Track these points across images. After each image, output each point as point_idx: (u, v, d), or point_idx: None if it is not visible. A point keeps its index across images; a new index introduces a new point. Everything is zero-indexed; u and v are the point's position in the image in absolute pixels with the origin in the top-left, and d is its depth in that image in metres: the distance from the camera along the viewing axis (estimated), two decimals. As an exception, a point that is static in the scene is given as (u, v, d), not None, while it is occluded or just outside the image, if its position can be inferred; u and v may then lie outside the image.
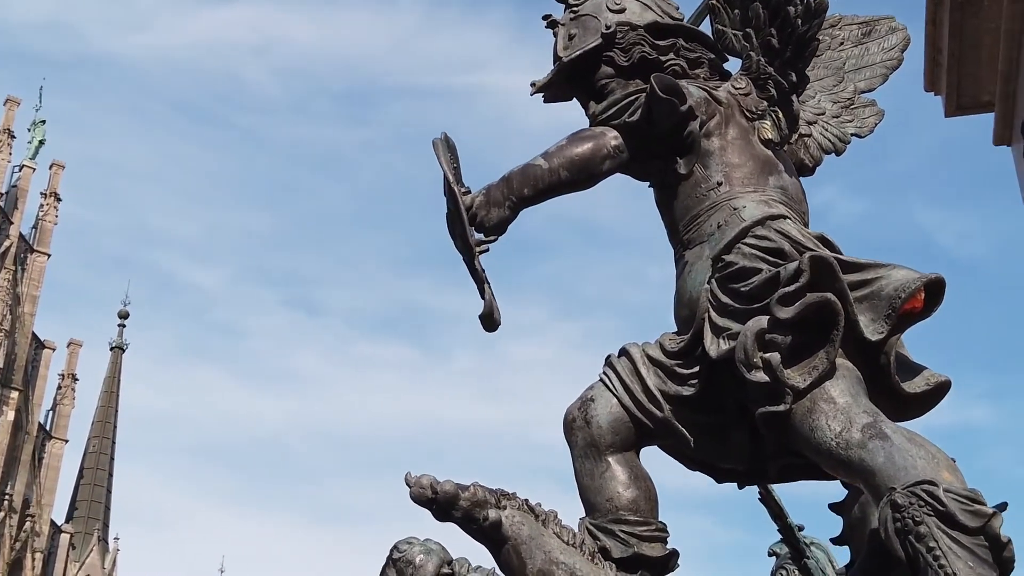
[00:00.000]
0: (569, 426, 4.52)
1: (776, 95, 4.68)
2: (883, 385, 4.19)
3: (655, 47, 4.80)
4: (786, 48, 4.61)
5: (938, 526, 3.68)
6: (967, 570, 3.62)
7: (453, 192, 4.40)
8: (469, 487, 4.26)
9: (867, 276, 4.18)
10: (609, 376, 4.51)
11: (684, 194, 4.63)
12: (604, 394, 4.49)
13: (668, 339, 4.51)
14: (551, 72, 4.92)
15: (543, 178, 4.55)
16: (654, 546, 4.37)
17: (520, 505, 4.32)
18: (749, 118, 4.67)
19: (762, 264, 4.27)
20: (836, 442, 3.99)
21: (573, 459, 4.51)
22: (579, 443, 4.49)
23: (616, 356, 4.56)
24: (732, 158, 4.60)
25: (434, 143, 4.49)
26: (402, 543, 4.15)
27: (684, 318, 4.50)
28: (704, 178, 4.59)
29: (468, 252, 4.42)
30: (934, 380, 4.28)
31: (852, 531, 4.51)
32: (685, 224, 4.62)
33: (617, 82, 4.81)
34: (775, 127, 4.67)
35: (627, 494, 4.41)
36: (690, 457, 4.58)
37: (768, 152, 4.65)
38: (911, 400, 4.23)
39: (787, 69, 4.64)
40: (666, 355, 4.45)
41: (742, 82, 4.72)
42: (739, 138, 4.63)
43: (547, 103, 5.00)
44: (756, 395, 4.16)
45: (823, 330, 4.10)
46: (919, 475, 3.79)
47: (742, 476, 4.61)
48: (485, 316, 4.47)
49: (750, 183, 4.56)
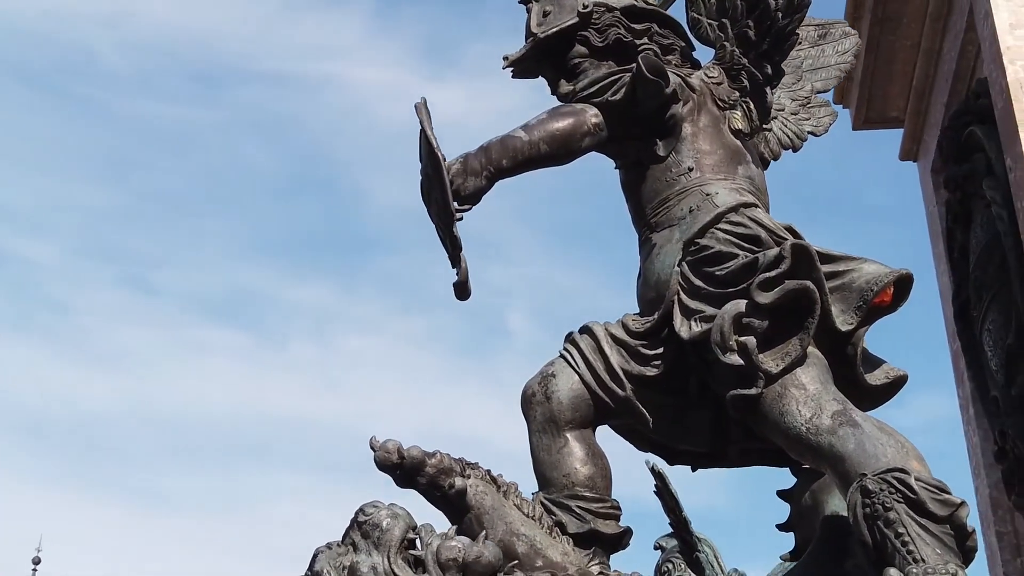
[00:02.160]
0: (528, 400, 4.52)
1: (749, 86, 4.75)
2: (847, 375, 4.30)
3: (630, 30, 4.83)
4: (763, 40, 4.69)
5: (907, 513, 3.80)
6: (935, 556, 3.74)
7: (437, 158, 4.37)
8: (435, 454, 4.23)
9: (839, 268, 4.28)
10: (571, 353, 4.52)
11: (653, 177, 4.67)
12: (566, 370, 4.50)
13: (631, 320, 4.54)
14: (524, 47, 4.91)
15: (522, 150, 4.55)
16: (608, 523, 4.40)
17: (483, 475, 4.31)
18: (720, 107, 4.74)
19: (737, 250, 4.33)
20: (806, 427, 4.08)
21: (530, 433, 4.52)
22: (537, 418, 4.49)
23: (578, 333, 4.57)
24: (703, 145, 4.66)
25: (418, 107, 4.44)
26: (368, 506, 4.09)
27: (650, 300, 4.54)
28: (675, 163, 4.64)
29: (447, 218, 4.39)
30: (893, 374, 4.41)
31: (800, 518, 4.60)
32: (653, 207, 4.65)
33: (590, 62, 4.83)
34: (745, 118, 4.75)
35: (584, 470, 4.43)
36: (644, 437, 4.63)
37: (737, 142, 4.72)
38: (872, 391, 4.35)
39: (763, 61, 4.71)
40: (630, 335, 4.48)
41: (715, 71, 4.79)
42: (710, 126, 4.70)
43: (515, 78, 4.99)
44: (727, 378, 4.22)
45: (797, 317, 4.18)
46: (889, 463, 3.90)
47: (697, 458, 4.67)
48: (460, 284, 4.44)
49: (720, 171, 4.62)
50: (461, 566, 3.63)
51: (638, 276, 4.68)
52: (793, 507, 4.66)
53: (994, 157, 5.85)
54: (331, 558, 4.03)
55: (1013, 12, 5.77)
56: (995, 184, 5.83)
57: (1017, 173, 5.56)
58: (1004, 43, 5.70)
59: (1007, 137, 5.65)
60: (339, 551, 4.06)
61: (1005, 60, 5.67)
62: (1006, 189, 5.72)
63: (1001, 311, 5.86)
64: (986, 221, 6.01)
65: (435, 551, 3.99)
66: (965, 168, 6.16)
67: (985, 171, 5.94)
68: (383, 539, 4.01)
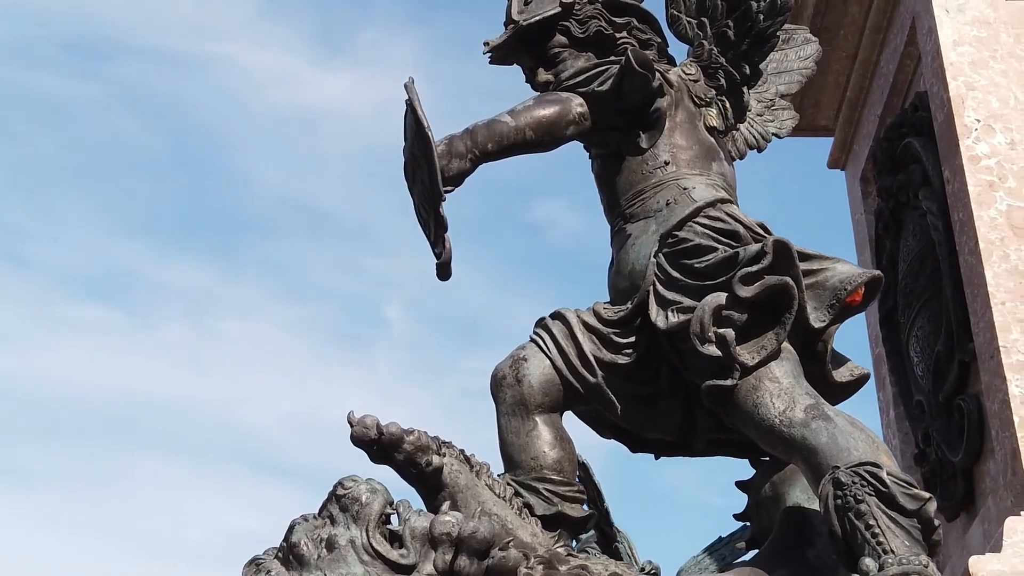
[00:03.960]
0: (499, 383, 4.58)
1: (725, 85, 4.86)
2: (815, 371, 4.42)
3: (611, 23, 4.90)
4: (742, 41, 4.79)
5: (878, 506, 3.93)
6: (904, 548, 3.88)
7: (427, 138, 4.39)
8: (414, 431, 4.27)
9: (813, 266, 4.40)
10: (543, 338, 4.59)
11: (629, 169, 4.75)
12: (537, 355, 4.57)
13: (603, 308, 4.62)
14: (505, 34, 4.95)
15: (508, 135, 4.60)
16: (574, 507, 4.48)
17: (457, 455, 4.36)
18: (696, 104, 4.83)
19: (716, 244, 4.43)
20: (779, 419, 4.19)
21: (498, 415, 4.57)
22: (507, 400, 4.54)
23: (550, 319, 4.63)
24: (679, 140, 4.75)
25: (408, 86, 4.47)
26: (347, 480, 4.11)
27: (623, 289, 4.61)
28: (651, 156, 4.72)
29: (435, 198, 4.42)
30: (857, 371, 4.56)
31: (759, 508, 4.71)
32: (628, 198, 4.73)
33: (570, 52, 4.90)
34: (720, 116, 4.85)
35: (552, 454, 4.49)
36: (607, 424, 4.70)
37: (711, 139, 4.82)
38: (836, 387, 4.48)
39: (741, 62, 4.82)
40: (602, 323, 4.56)
41: (692, 68, 4.88)
42: (686, 122, 4.79)
43: (493, 64, 5.04)
44: (703, 368, 4.32)
45: (774, 312, 4.30)
46: (861, 457, 4.03)
47: (662, 447, 4.76)
48: (444, 264, 4.47)
49: (696, 166, 4.72)
50: (455, 541, 3.65)
51: (610, 265, 4.76)
52: (751, 497, 4.77)
53: (931, 168, 6.04)
54: (308, 530, 4.04)
55: (956, 30, 5.96)
56: (931, 195, 6.03)
57: (955, 185, 5.75)
58: (948, 59, 5.89)
59: (947, 150, 5.84)
60: (316, 523, 4.07)
61: (948, 76, 5.86)
62: (942, 200, 5.91)
63: (931, 318, 6.06)
64: (919, 230, 6.21)
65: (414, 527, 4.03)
66: (900, 178, 6.35)
67: (921, 181, 6.14)
68: (362, 513, 4.03)
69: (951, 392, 5.89)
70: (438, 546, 3.68)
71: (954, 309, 5.81)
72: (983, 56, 5.92)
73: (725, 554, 6.82)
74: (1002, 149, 5.70)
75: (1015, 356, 5.35)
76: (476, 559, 3.61)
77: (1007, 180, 5.66)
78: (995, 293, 5.45)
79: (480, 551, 3.61)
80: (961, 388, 5.84)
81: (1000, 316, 5.42)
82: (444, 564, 3.64)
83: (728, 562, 6.47)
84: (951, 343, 5.86)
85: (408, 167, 4.58)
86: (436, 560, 3.65)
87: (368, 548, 3.98)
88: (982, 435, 5.66)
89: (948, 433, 5.92)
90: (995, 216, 5.60)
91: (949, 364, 5.90)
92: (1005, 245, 5.53)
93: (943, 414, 5.97)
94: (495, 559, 3.60)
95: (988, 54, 5.93)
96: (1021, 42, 5.99)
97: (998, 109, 5.80)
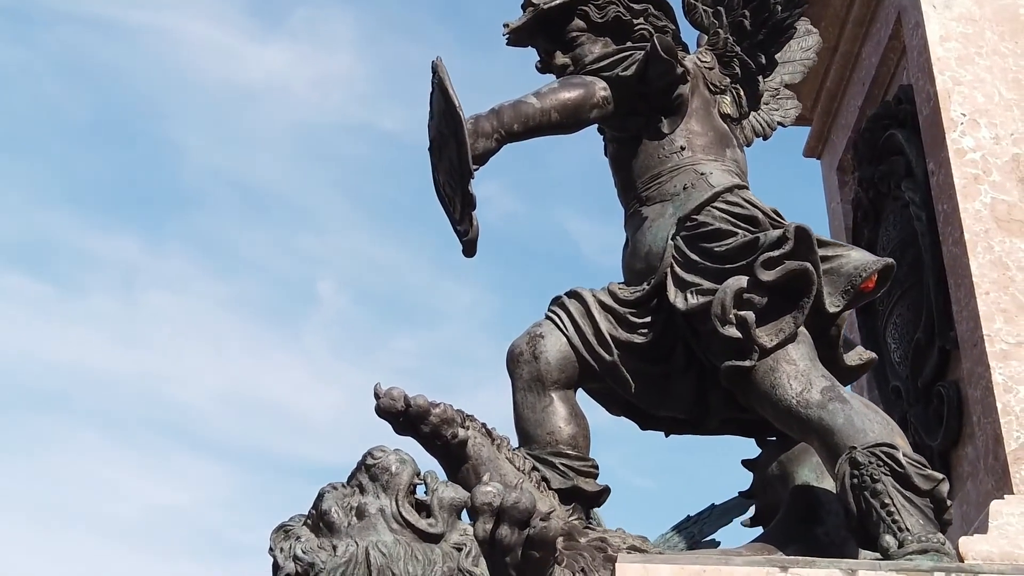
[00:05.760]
0: (516, 359, 4.66)
1: (740, 74, 4.98)
2: (827, 354, 4.56)
3: (629, 9, 4.99)
4: (759, 31, 4.92)
5: (894, 486, 4.07)
6: (918, 526, 4.02)
7: (458, 117, 4.46)
8: (439, 404, 4.35)
9: (829, 253, 4.53)
10: (560, 316, 4.68)
11: (646, 153, 4.86)
12: (554, 332, 4.66)
13: (619, 288, 4.72)
14: (524, 16, 5.03)
15: (534, 116, 4.68)
16: (589, 481, 4.58)
17: (480, 428, 4.45)
18: (711, 91, 4.95)
19: (735, 229, 4.55)
20: (796, 400, 4.32)
21: (514, 391, 4.66)
22: (524, 376, 4.63)
23: (566, 297, 4.73)
24: (695, 126, 4.86)
25: (439, 65, 4.54)
26: (376, 450, 4.18)
27: (638, 270, 4.72)
28: (668, 141, 4.84)
29: (464, 176, 4.49)
30: (866, 356, 4.71)
31: (765, 486, 4.84)
32: (644, 181, 4.84)
33: (587, 36, 4.99)
34: (734, 103, 4.98)
35: (568, 429, 4.59)
36: (618, 401, 4.81)
37: (725, 126, 4.94)
38: (846, 370, 4.62)
39: (756, 51, 4.95)
40: (618, 303, 4.66)
41: (707, 56, 4.99)
42: (701, 108, 4.90)
43: (510, 45, 5.12)
44: (721, 349, 4.43)
45: (792, 296, 4.42)
46: (877, 438, 4.17)
47: (672, 424, 4.87)
48: (471, 242, 4.55)
49: (711, 152, 4.83)
50: (495, 511, 3.72)
51: (625, 246, 4.86)
52: (757, 476, 4.89)
53: (915, 160, 6.19)
54: (338, 498, 4.11)
55: (943, 25, 6.11)
56: (914, 186, 6.18)
57: (940, 177, 5.90)
58: (935, 54, 6.03)
59: (932, 143, 5.99)
60: (346, 492, 4.14)
61: (935, 70, 6.00)
62: (926, 191, 6.06)
63: (911, 307, 6.22)
64: (900, 220, 6.36)
65: (442, 497, 4.11)
66: (882, 168, 6.50)
67: (904, 173, 6.28)
68: (392, 482, 4.11)
69: (930, 378, 6.04)
70: (479, 516, 3.74)
71: (936, 298, 5.96)
72: (969, 52, 6.07)
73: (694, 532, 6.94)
74: (986, 143, 5.85)
75: (998, 345, 5.50)
76: (517, 529, 3.68)
77: (991, 174, 5.81)
78: (979, 283, 5.60)
79: (521, 521, 3.68)
80: (940, 375, 6.00)
81: (984, 306, 5.56)
82: (484, 533, 3.71)
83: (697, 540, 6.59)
84: (931, 331, 6.02)
85: (434, 145, 4.65)
86: (477, 529, 3.72)
87: (398, 517, 4.06)
88: (961, 420, 5.81)
89: (926, 418, 6.07)
90: (980, 208, 5.75)
91: (929, 351, 6.05)
92: (989, 237, 5.68)
93: (921, 399, 6.12)
94: (536, 528, 3.67)
95: (974, 50, 6.08)
96: (1005, 40, 6.14)
97: (983, 104, 5.95)
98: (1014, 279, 5.58)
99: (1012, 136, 5.87)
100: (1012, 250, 5.64)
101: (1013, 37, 6.12)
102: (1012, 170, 5.80)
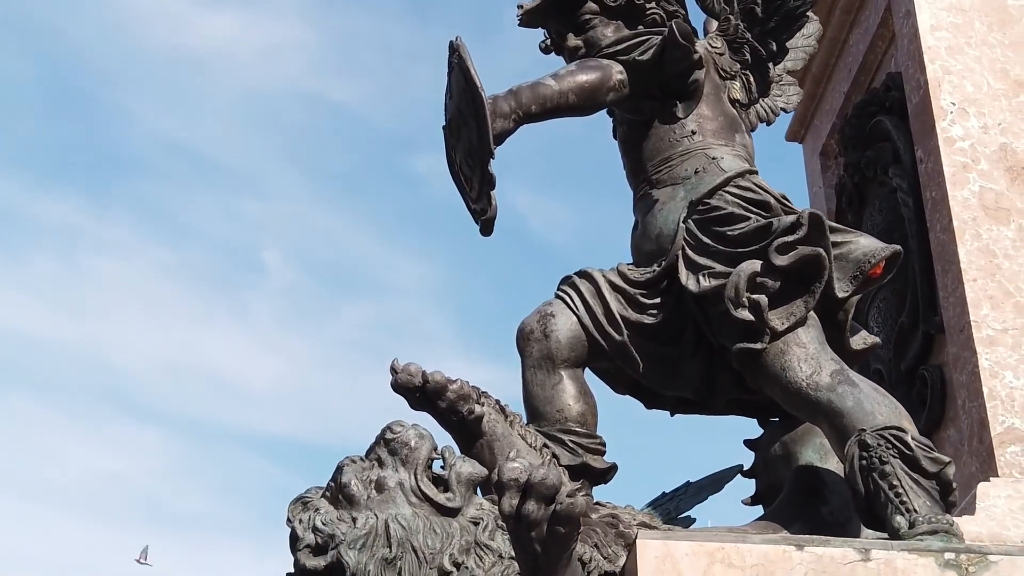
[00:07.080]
0: (526, 337, 4.72)
1: (751, 60, 5.04)
2: (835, 338, 4.64)
3: None
4: (770, 18, 4.98)
5: (902, 468, 4.17)
6: (926, 507, 4.12)
7: (479, 96, 4.49)
8: (456, 380, 4.40)
9: (839, 239, 4.61)
10: (570, 295, 4.74)
11: (656, 137, 4.92)
12: (564, 311, 4.72)
13: (629, 269, 4.78)
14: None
15: (552, 98, 4.73)
16: (597, 458, 4.64)
17: (494, 404, 4.50)
18: (722, 76, 5.01)
19: (748, 213, 4.62)
20: (806, 383, 4.40)
21: (524, 368, 4.72)
22: (534, 354, 4.69)
23: (577, 277, 4.78)
24: (705, 111, 4.93)
25: (459, 44, 4.56)
26: (395, 425, 4.22)
27: (649, 252, 4.78)
28: (678, 125, 4.90)
29: (484, 156, 4.52)
30: (870, 340, 4.80)
31: (766, 466, 4.92)
32: (655, 164, 4.90)
33: (600, 19, 5.03)
34: (744, 89, 5.04)
35: (577, 407, 4.66)
36: (624, 380, 4.87)
37: (734, 112, 5.01)
38: (852, 354, 4.71)
39: (768, 38, 5.01)
40: (628, 283, 4.72)
41: (718, 42, 5.05)
42: (712, 93, 4.97)
43: (522, 26, 5.15)
44: (733, 332, 4.51)
45: (803, 281, 4.50)
46: (886, 421, 4.26)
47: (678, 404, 4.95)
48: (489, 220, 4.58)
49: (721, 137, 4.90)
50: (522, 487, 3.75)
51: (634, 228, 4.92)
52: (759, 456, 4.97)
53: (902, 147, 6.30)
54: (357, 471, 4.15)
55: (934, 15, 6.21)
56: (902, 173, 6.28)
57: (929, 165, 6.01)
58: (926, 43, 6.13)
59: (922, 131, 6.09)
60: (365, 465, 4.18)
61: (926, 59, 6.10)
62: (914, 178, 6.17)
63: (895, 291, 6.33)
64: (886, 206, 6.47)
65: (460, 472, 4.16)
66: (869, 154, 6.60)
67: (891, 159, 6.39)
68: (411, 457, 4.15)
69: (913, 362, 6.16)
70: (505, 491, 3.77)
71: (921, 283, 6.07)
72: (959, 42, 6.17)
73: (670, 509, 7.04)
74: (975, 132, 5.96)
75: (985, 331, 5.62)
76: (544, 504, 3.72)
77: (980, 163, 5.92)
78: (967, 270, 5.71)
79: (548, 497, 3.72)
80: (923, 359, 6.12)
81: (972, 292, 5.68)
82: (511, 508, 3.74)
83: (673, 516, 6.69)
84: (916, 315, 6.13)
85: (453, 125, 4.68)
86: (503, 504, 3.75)
87: (416, 491, 4.10)
88: (944, 404, 5.93)
89: (908, 401, 6.13)
90: (968, 196, 5.86)
91: (912, 335, 6.17)
92: (977, 224, 5.80)
93: (904, 382, 6.23)
94: (563, 504, 3.72)
95: (963, 40, 6.18)
96: (993, 31, 6.25)
97: (972, 94, 6.05)
98: (1000, 266, 5.71)
99: (1000, 126, 5.98)
100: (999, 238, 5.75)
101: (1001, 28, 6.23)
102: (1000, 159, 5.91)
